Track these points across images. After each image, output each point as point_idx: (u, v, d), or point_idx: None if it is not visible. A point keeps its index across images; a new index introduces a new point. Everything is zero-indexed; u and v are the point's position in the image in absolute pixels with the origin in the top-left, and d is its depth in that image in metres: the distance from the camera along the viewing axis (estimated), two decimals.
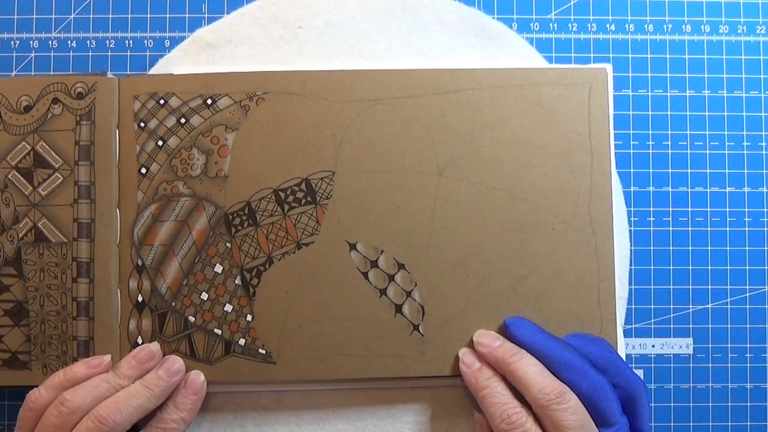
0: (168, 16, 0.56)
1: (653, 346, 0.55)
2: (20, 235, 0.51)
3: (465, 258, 0.51)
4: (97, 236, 0.51)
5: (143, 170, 0.51)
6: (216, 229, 0.51)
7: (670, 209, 0.56)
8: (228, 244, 0.51)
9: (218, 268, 0.51)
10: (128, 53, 0.56)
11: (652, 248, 0.56)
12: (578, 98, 0.52)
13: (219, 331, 0.50)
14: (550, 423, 0.45)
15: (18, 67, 0.56)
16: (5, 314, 0.51)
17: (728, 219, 0.56)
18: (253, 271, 0.51)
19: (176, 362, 0.49)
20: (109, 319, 0.50)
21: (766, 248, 0.56)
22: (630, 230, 0.55)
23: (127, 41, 0.56)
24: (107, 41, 0.56)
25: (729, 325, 0.55)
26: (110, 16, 0.56)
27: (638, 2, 0.57)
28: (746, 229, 0.56)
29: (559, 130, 0.52)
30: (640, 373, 0.55)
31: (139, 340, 0.50)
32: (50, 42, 0.56)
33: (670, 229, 0.56)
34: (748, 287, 0.55)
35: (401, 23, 0.55)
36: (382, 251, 0.51)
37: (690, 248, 0.56)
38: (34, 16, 0.56)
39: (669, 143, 0.56)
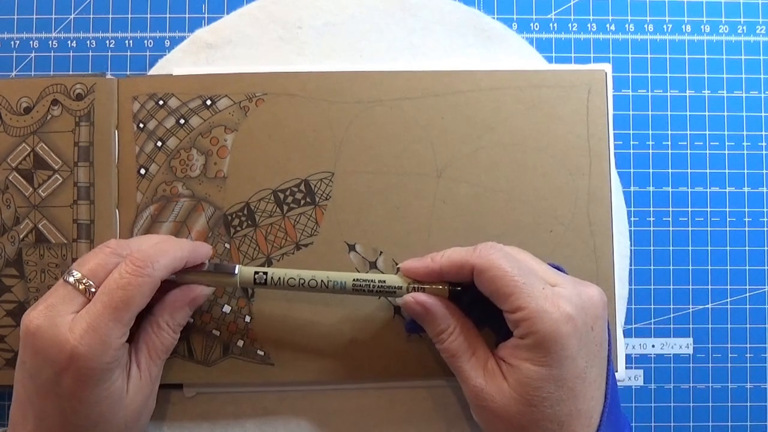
0: (168, 16, 0.56)
1: (653, 346, 0.55)
2: (21, 236, 0.51)
3: None
4: (96, 237, 0.51)
5: (142, 171, 0.51)
6: (215, 229, 0.51)
7: (670, 209, 0.56)
8: (227, 245, 0.51)
9: None
10: (128, 53, 0.56)
11: (652, 248, 0.55)
12: (577, 100, 0.52)
13: (217, 333, 0.50)
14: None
15: (18, 67, 0.56)
16: (7, 315, 0.51)
17: (728, 219, 0.56)
18: None
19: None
20: None
21: (766, 248, 0.56)
22: (630, 230, 0.55)
23: (127, 41, 0.56)
24: (107, 41, 0.56)
25: (729, 325, 0.55)
26: (110, 16, 0.56)
27: (638, 2, 0.56)
28: (746, 229, 0.56)
29: (558, 131, 0.52)
30: (639, 372, 0.55)
31: None
32: (50, 42, 0.56)
33: (670, 229, 0.56)
34: (748, 287, 0.55)
35: (401, 23, 0.55)
36: (381, 252, 0.51)
37: (690, 248, 0.55)
38: (34, 16, 0.56)
39: (669, 143, 0.56)
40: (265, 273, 0.46)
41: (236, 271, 0.46)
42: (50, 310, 0.42)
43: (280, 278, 0.46)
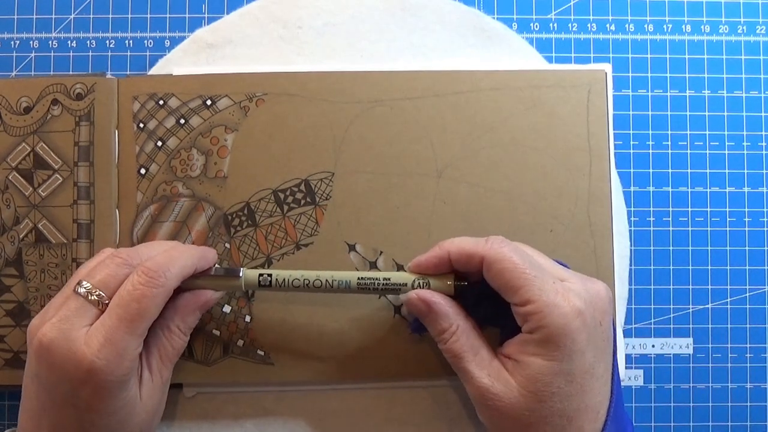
0: (168, 16, 0.56)
1: (653, 346, 0.55)
2: (21, 236, 0.51)
3: None
4: (96, 237, 0.51)
5: (142, 171, 0.51)
6: (215, 229, 0.51)
7: (670, 209, 0.56)
8: (227, 245, 0.51)
9: None
10: (128, 53, 0.56)
11: (652, 248, 0.55)
12: (577, 100, 0.52)
13: (217, 332, 0.50)
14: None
15: (18, 67, 0.56)
16: (7, 314, 0.51)
17: (728, 219, 0.56)
18: None
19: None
20: None
21: (766, 248, 0.56)
22: (630, 230, 0.55)
23: (127, 41, 0.56)
24: (107, 41, 0.56)
25: (729, 325, 0.55)
26: (110, 16, 0.56)
27: (638, 2, 0.56)
28: (746, 229, 0.56)
29: (558, 131, 0.52)
30: (639, 372, 0.55)
31: None
32: (50, 42, 0.56)
33: (670, 229, 0.56)
34: (748, 287, 0.55)
35: (401, 23, 0.55)
36: (381, 252, 0.51)
37: (690, 248, 0.55)
38: (34, 16, 0.56)
39: (669, 143, 0.56)
40: (270, 275, 0.46)
41: (240, 274, 0.46)
42: (64, 323, 0.42)
43: (284, 280, 0.46)
